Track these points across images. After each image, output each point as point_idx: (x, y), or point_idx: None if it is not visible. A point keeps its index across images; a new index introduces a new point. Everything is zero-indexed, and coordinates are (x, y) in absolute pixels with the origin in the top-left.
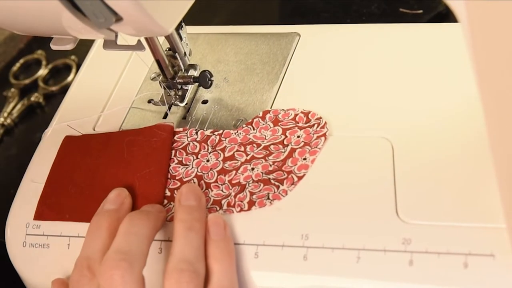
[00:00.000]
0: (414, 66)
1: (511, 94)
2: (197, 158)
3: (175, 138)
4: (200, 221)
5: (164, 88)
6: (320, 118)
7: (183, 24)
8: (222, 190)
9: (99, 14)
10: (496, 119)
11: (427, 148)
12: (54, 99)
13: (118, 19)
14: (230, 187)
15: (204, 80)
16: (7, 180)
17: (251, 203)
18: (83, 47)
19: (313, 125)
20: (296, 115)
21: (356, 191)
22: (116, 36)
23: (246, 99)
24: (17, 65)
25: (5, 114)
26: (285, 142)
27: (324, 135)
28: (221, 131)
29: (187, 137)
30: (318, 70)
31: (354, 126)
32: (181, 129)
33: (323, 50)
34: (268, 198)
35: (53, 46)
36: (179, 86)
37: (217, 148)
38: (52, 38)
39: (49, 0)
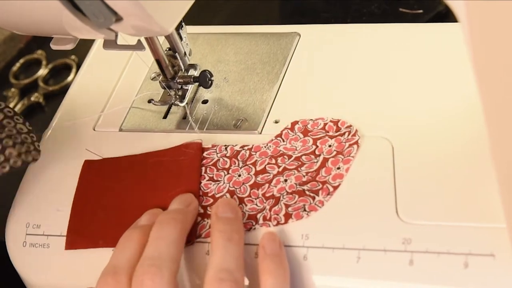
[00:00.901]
0: (414, 66)
1: (511, 94)
2: (228, 173)
3: (204, 154)
4: (239, 232)
5: (164, 88)
6: (351, 126)
7: (183, 24)
8: (256, 204)
9: (99, 14)
10: (496, 119)
11: (427, 148)
12: (54, 99)
13: (118, 19)
14: (264, 201)
15: (204, 80)
16: (7, 180)
17: (288, 216)
18: (83, 47)
19: (344, 133)
20: (325, 124)
21: (356, 191)
22: (116, 36)
23: (246, 99)
24: (17, 65)
25: None
26: (316, 152)
27: (357, 142)
28: (250, 146)
29: (217, 153)
30: (318, 70)
31: (355, 126)
32: (209, 145)
33: (323, 50)
34: (305, 210)
35: (53, 46)
36: (179, 86)
37: (247, 163)
38: (52, 38)
39: (49, 0)
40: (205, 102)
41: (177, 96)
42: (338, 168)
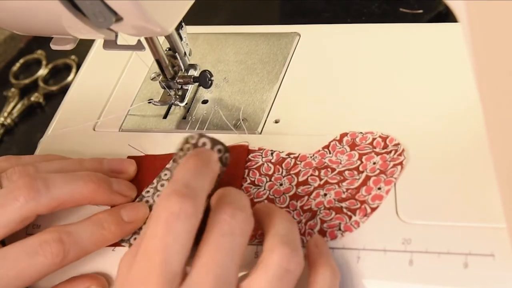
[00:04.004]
0: (414, 66)
1: (511, 94)
2: (270, 180)
3: (249, 157)
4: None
5: (164, 88)
6: (398, 144)
7: (183, 24)
8: (293, 217)
9: (99, 14)
10: (495, 119)
11: (427, 148)
12: (54, 99)
13: (118, 19)
14: (301, 213)
15: (204, 80)
16: None
17: (322, 233)
18: (83, 47)
19: (390, 151)
20: (373, 139)
21: None
22: (116, 36)
23: (246, 99)
24: (17, 65)
25: (5, 114)
26: (360, 169)
27: (401, 163)
28: (297, 154)
29: (262, 157)
30: (318, 70)
31: (354, 126)
32: (256, 148)
33: (323, 50)
34: (340, 229)
35: (53, 46)
36: (179, 86)
37: (291, 172)
38: (52, 38)
39: (49, 0)
40: (205, 102)
41: (177, 96)
42: (379, 189)
